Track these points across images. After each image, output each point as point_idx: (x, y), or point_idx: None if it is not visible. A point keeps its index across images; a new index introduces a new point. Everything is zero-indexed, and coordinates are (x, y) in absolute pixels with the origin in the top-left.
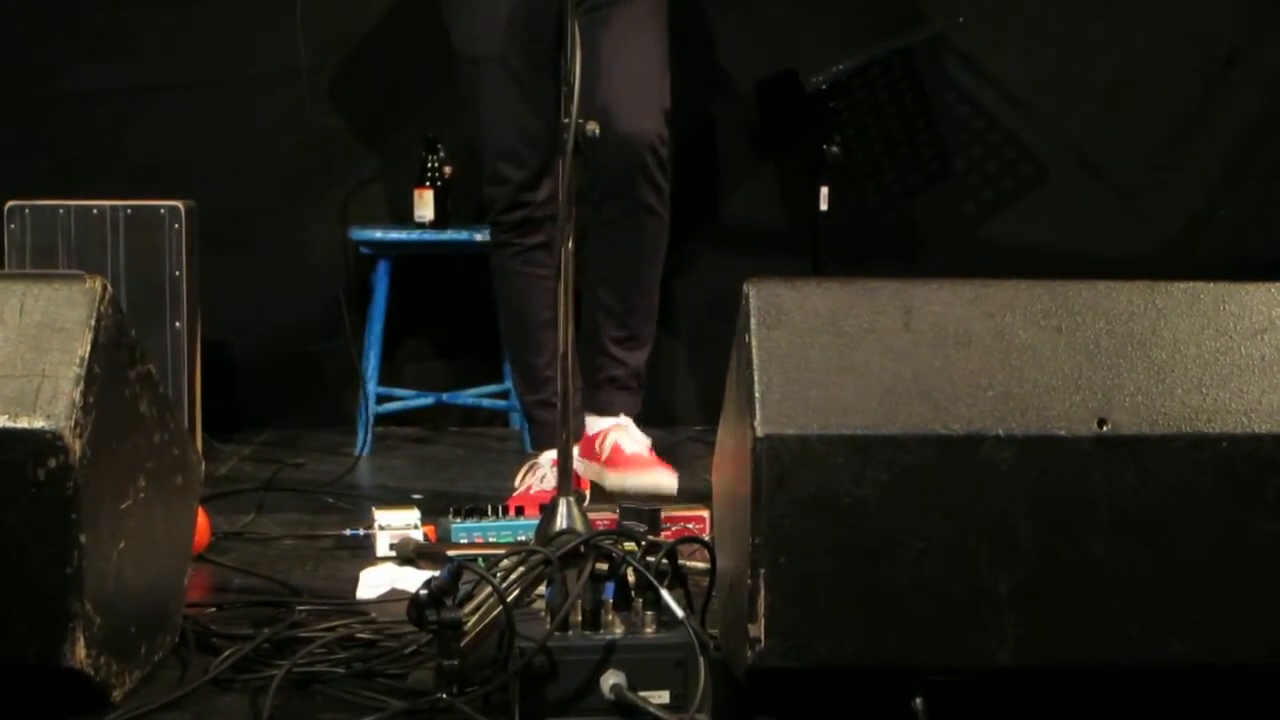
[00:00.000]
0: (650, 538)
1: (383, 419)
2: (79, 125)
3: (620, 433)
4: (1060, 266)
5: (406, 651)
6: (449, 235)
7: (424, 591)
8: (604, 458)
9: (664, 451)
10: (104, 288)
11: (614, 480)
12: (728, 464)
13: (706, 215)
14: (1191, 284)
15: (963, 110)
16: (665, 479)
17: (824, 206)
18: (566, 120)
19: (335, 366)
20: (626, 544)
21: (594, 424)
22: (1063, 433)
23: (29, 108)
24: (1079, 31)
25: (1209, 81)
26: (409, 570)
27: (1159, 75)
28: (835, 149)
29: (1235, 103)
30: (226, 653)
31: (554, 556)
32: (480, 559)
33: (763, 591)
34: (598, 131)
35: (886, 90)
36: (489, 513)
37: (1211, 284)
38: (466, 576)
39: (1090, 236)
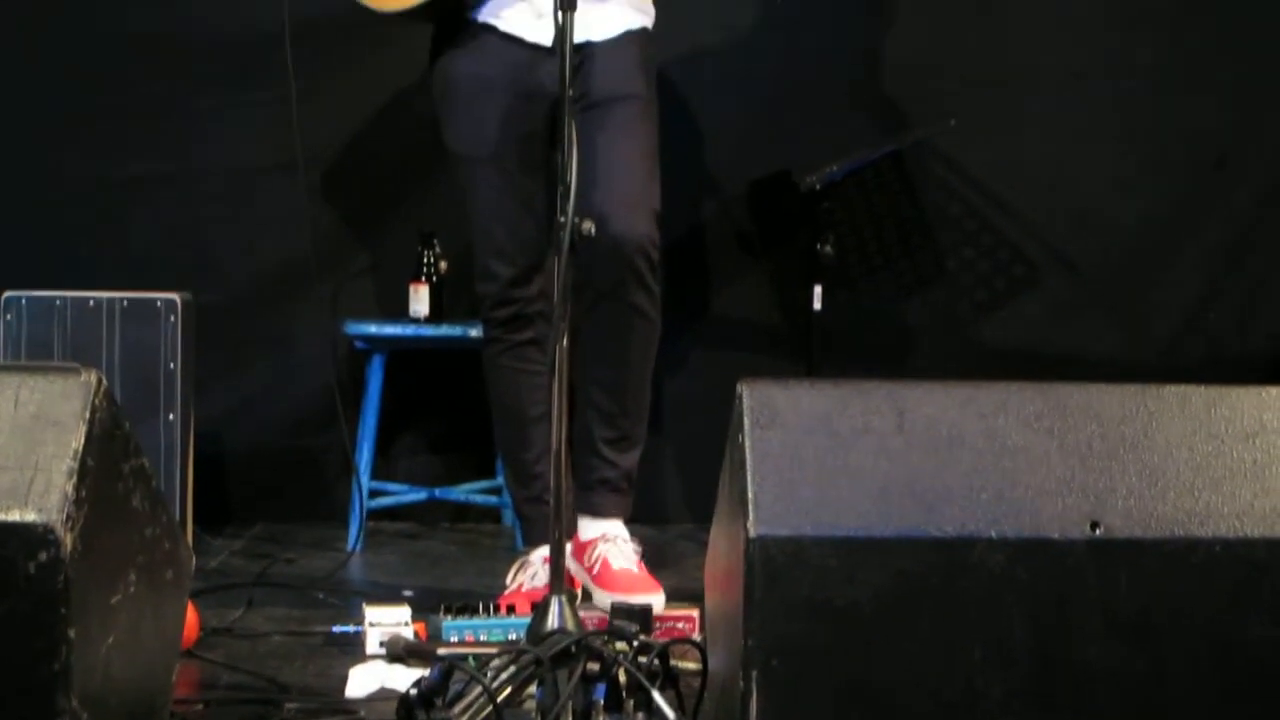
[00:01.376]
0: (642, 638)
1: (375, 514)
2: (77, 216)
3: (609, 546)
4: (1053, 367)
5: None
6: (443, 330)
7: (413, 691)
8: (593, 572)
9: (655, 551)
10: (99, 381)
11: (601, 598)
12: (720, 564)
13: (700, 314)
14: (1183, 387)
15: (955, 211)
16: (652, 598)
17: (817, 306)
18: (562, 219)
19: (328, 460)
20: (618, 644)
21: (585, 528)
22: (1055, 536)
23: (27, 198)
24: (1069, 134)
25: (1199, 185)
26: (399, 668)
27: (1149, 178)
28: (828, 249)
29: (1225, 206)
30: None
31: (545, 656)
32: (471, 658)
33: (755, 694)
34: (593, 230)
35: (879, 191)
36: (480, 610)
37: (1202, 387)
38: (457, 676)
39: (1082, 337)
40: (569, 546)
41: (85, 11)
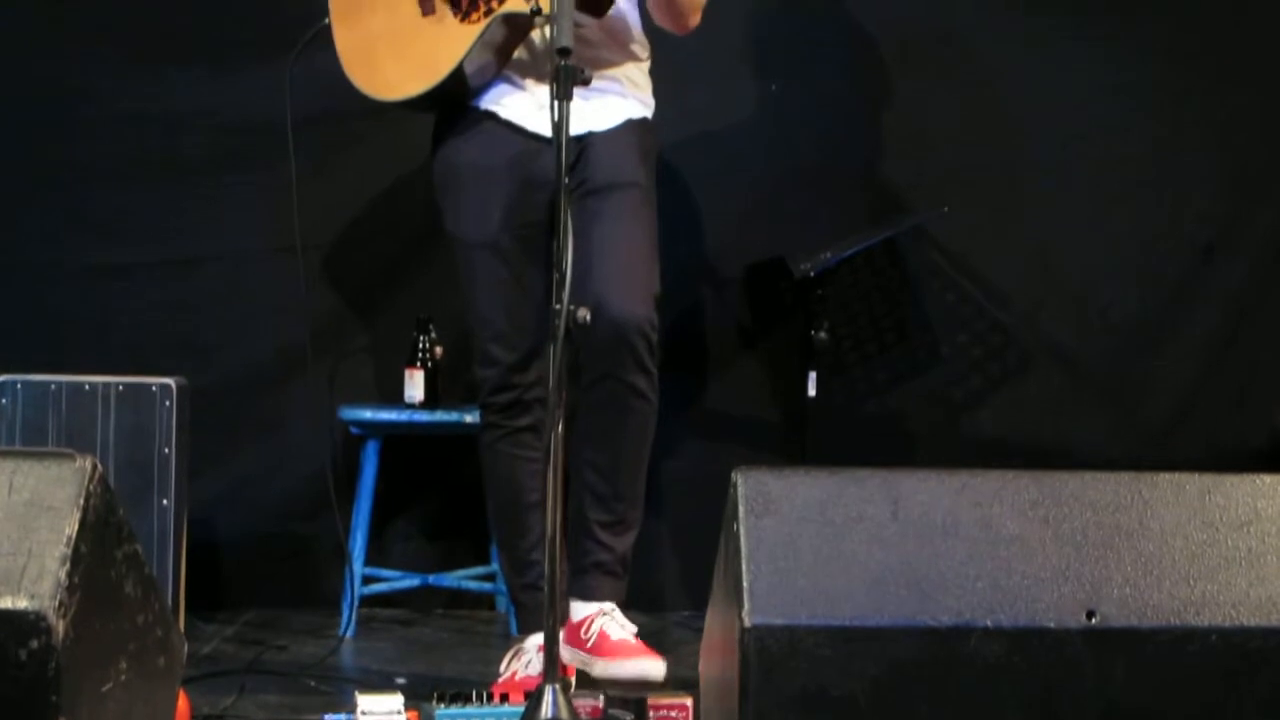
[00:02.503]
0: None
1: (368, 600)
2: (73, 300)
3: (606, 619)
4: (1047, 453)
5: None
6: (439, 416)
7: None
8: (590, 644)
9: (650, 637)
10: (94, 466)
11: (601, 668)
12: (715, 652)
13: (695, 399)
14: (1177, 475)
15: (949, 298)
16: (653, 666)
17: (812, 392)
18: (557, 306)
19: (321, 546)
20: None
21: (579, 610)
22: (1051, 625)
23: (25, 281)
24: (1061, 222)
25: (1189, 273)
26: None
27: (1141, 266)
28: (823, 335)
29: (1215, 294)
30: None
31: None
32: None
33: None
34: (588, 318)
35: (873, 278)
36: (474, 698)
37: (1197, 475)
38: None
39: (1076, 423)
40: (562, 633)
41: (86, 95)
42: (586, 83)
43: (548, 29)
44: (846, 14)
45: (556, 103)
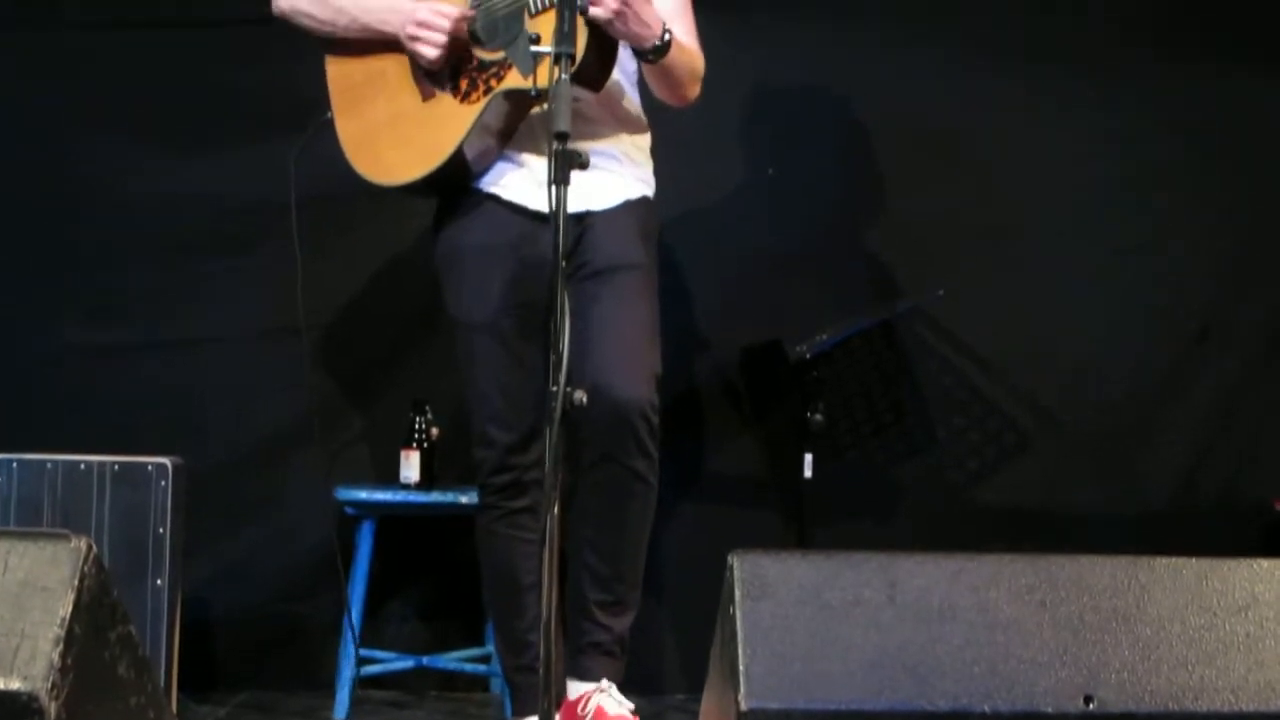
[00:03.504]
0: None
1: (363, 681)
2: (72, 379)
3: (603, 695)
4: (1043, 534)
5: None
6: (434, 497)
7: None
8: None
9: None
10: (89, 548)
11: None
12: None
13: (691, 480)
14: (1174, 559)
15: (945, 380)
16: None
17: (808, 474)
18: (554, 388)
19: (316, 627)
20: None
21: (575, 689)
22: (1049, 710)
23: (24, 360)
24: (1057, 303)
25: (1185, 354)
26: None
27: (1136, 347)
28: (819, 417)
29: (1210, 376)
30: None
31: None
32: None
33: None
34: (585, 400)
35: (869, 360)
36: None
37: (1194, 559)
38: None
39: (1072, 504)
40: (558, 715)
41: (87, 176)
42: (584, 166)
43: (547, 104)
44: (842, 98)
45: (554, 186)
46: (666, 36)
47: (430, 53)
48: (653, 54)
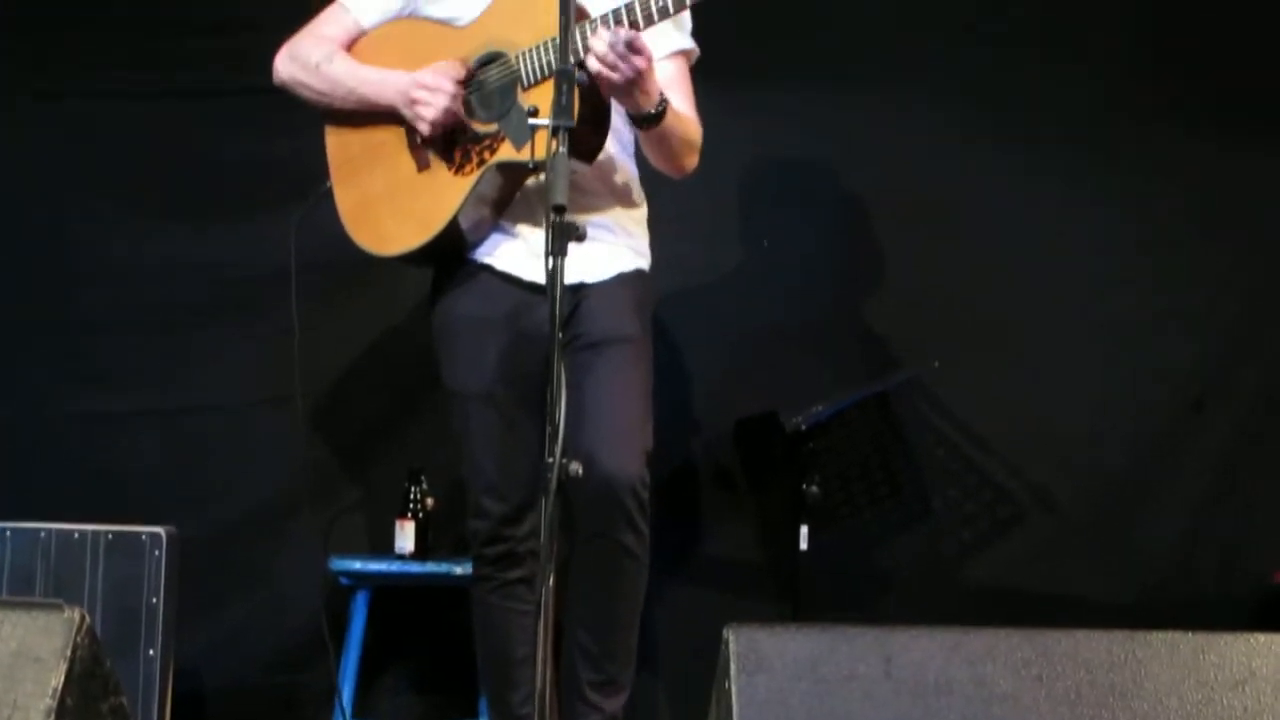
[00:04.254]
0: None
1: None
2: (65, 447)
3: None
4: (1040, 607)
5: None
6: (429, 568)
7: None
8: None
9: None
10: (81, 618)
11: None
12: None
13: (687, 553)
14: (1171, 634)
15: (940, 452)
16: None
17: (804, 546)
18: (550, 459)
19: (309, 698)
20: None
21: None
22: None
23: (17, 427)
24: (1051, 375)
25: (1179, 425)
26: None
27: (1131, 419)
28: (815, 489)
29: (1206, 447)
30: None
31: None
32: None
33: None
34: (580, 471)
35: (865, 431)
36: None
37: (1190, 633)
38: None
39: (1068, 577)
40: None
41: (83, 243)
42: (581, 239)
43: (542, 174)
44: (838, 170)
45: (552, 259)
46: (663, 105)
47: (429, 113)
48: (648, 121)
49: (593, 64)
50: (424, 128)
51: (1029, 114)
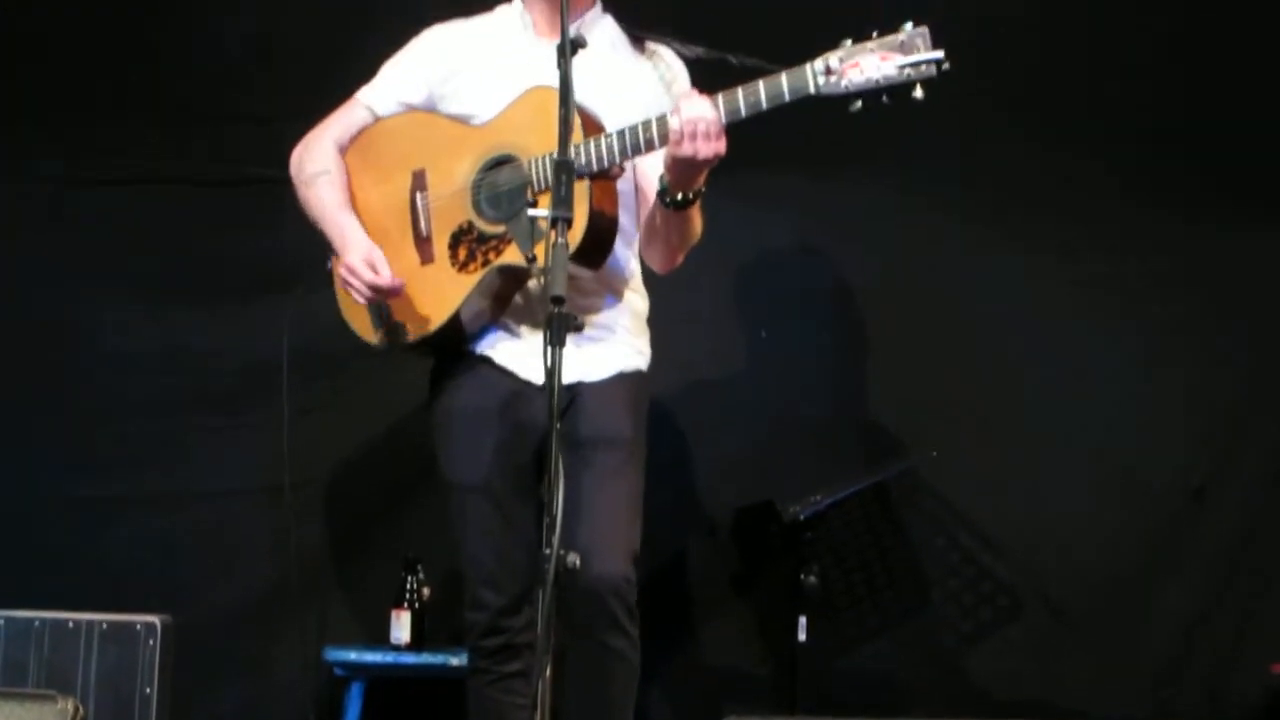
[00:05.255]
0: None
1: None
2: (60, 535)
3: None
4: (1038, 700)
5: None
6: (425, 659)
7: None
8: None
9: None
10: (76, 709)
11: None
12: None
13: (685, 643)
14: None
15: (938, 543)
16: None
17: (802, 637)
18: (547, 550)
19: None
20: None
21: None
22: None
23: (12, 514)
24: (1049, 466)
25: (1179, 517)
26: None
27: (1130, 510)
28: (813, 580)
29: (1206, 538)
30: None
31: None
32: None
33: None
34: (578, 563)
35: (863, 522)
36: None
37: None
38: None
39: (1067, 671)
40: None
41: (78, 331)
42: (580, 329)
43: (543, 278)
44: (834, 261)
45: (550, 349)
46: (702, 188)
47: (358, 300)
48: (687, 202)
49: (678, 125)
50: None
51: (1027, 204)
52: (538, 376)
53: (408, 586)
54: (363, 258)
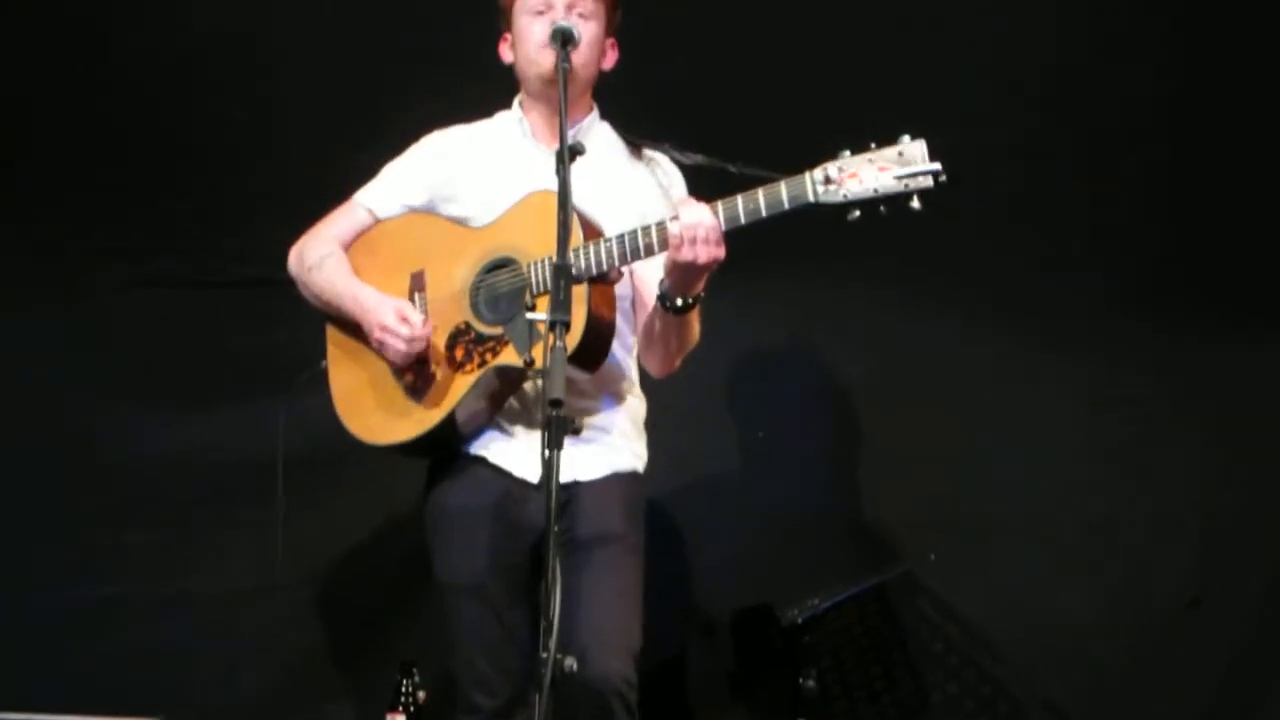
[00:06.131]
0: None
1: None
2: (58, 636)
3: None
4: None
5: None
6: None
7: None
8: None
9: None
10: None
11: None
12: None
13: None
14: None
15: (937, 647)
16: None
17: None
18: (544, 654)
19: None
20: None
21: None
22: None
23: (10, 617)
24: (1048, 571)
25: (1177, 625)
26: None
27: (1128, 617)
28: (812, 683)
29: (1204, 645)
30: None
31: None
32: None
33: None
34: (575, 666)
35: (862, 625)
36: None
37: None
38: None
39: None
40: None
41: (82, 434)
42: (577, 432)
43: (540, 380)
44: (832, 363)
45: (547, 451)
46: (701, 293)
47: (392, 355)
48: (687, 307)
49: (679, 230)
50: (391, 361)
51: (1024, 310)
52: (533, 475)
53: (403, 690)
54: (394, 313)
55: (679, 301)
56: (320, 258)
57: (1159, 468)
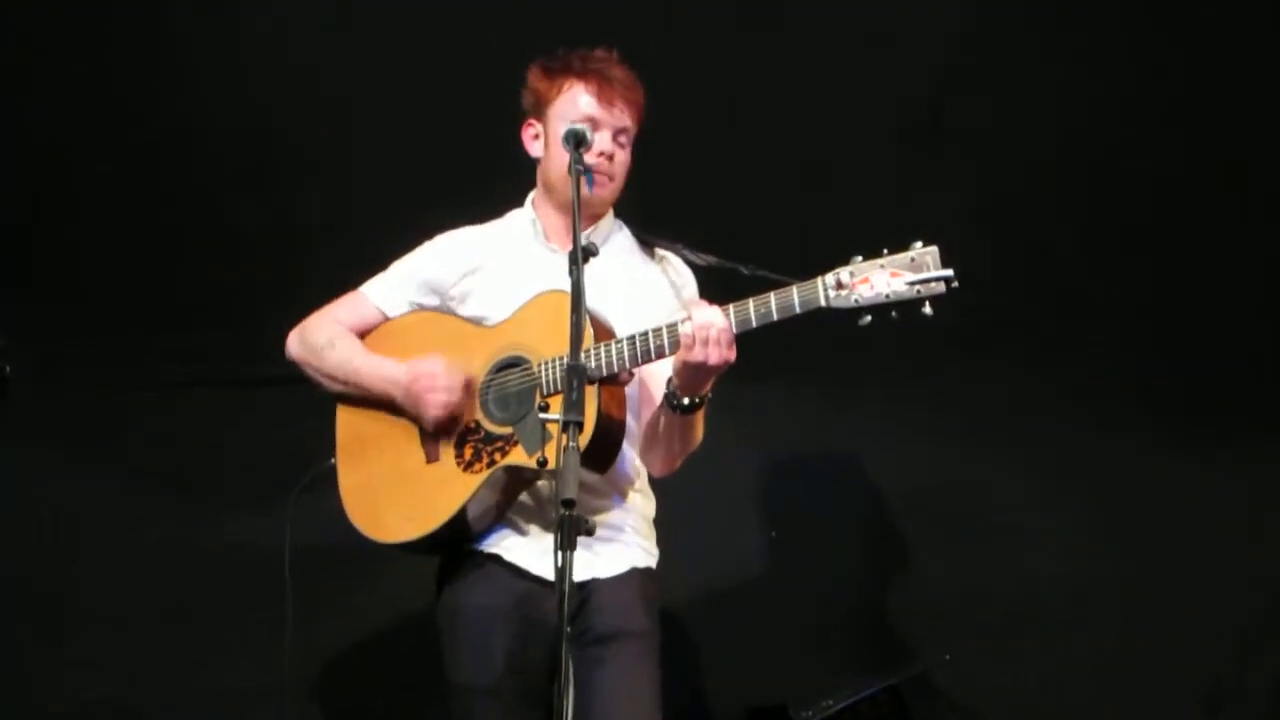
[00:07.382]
0: None
1: None
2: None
3: None
4: None
5: None
6: None
7: None
8: None
9: None
10: None
11: None
12: None
13: None
14: None
15: None
16: None
17: None
18: None
19: None
20: None
21: None
22: None
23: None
24: (1064, 671)
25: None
26: None
27: (1144, 717)
28: None
29: None
30: None
31: None
32: None
33: None
34: None
35: None
36: None
37: None
38: None
39: None
40: None
41: (86, 532)
42: (590, 533)
43: (552, 480)
44: (844, 463)
45: (560, 552)
46: (707, 394)
47: (431, 411)
48: (694, 407)
49: (690, 330)
50: (428, 421)
51: (1032, 420)
52: (549, 572)
53: None
54: (422, 371)
55: (686, 401)
56: (329, 337)
57: (1176, 571)
